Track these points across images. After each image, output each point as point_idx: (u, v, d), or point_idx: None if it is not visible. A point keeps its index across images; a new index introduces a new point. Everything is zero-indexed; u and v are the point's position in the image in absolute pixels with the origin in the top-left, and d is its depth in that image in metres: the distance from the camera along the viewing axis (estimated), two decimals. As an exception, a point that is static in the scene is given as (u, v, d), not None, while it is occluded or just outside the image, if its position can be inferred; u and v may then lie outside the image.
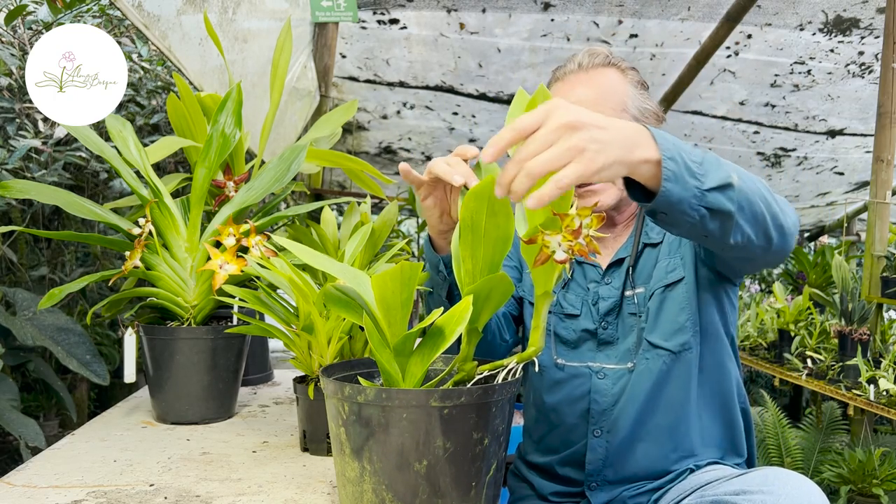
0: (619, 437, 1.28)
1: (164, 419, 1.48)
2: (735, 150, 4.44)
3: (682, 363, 1.27)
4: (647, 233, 1.33)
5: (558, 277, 0.98)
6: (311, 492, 1.14)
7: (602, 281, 1.34)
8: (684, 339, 1.27)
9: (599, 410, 1.29)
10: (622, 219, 1.36)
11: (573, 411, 1.32)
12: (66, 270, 2.56)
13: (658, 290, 1.29)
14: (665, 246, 1.32)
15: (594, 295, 1.33)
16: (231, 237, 1.41)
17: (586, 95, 1.24)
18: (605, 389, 1.29)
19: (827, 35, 3.24)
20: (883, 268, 2.80)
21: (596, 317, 1.32)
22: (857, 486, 2.74)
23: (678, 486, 1.23)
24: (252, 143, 1.89)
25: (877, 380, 2.58)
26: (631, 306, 1.30)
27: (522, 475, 1.43)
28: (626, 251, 1.33)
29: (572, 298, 1.35)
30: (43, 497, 1.07)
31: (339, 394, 0.93)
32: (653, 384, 1.27)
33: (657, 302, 1.29)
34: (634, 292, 1.31)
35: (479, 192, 0.88)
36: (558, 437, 1.35)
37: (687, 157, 0.88)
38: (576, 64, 1.28)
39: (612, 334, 1.31)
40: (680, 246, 1.31)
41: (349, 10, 2.87)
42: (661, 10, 3.10)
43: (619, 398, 1.28)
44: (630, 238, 1.35)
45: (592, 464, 1.29)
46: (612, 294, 1.32)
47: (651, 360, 1.27)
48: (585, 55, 1.29)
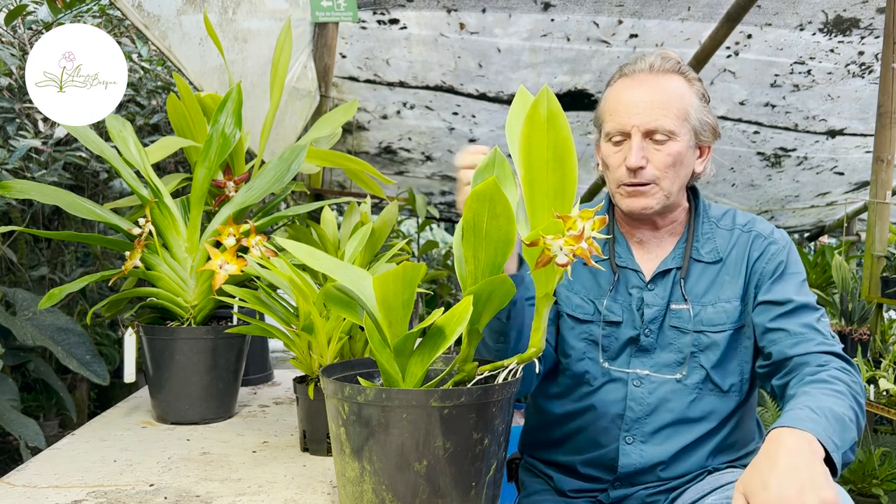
0: (652, 446, 1.28)
1: (164, 419, 1.48)
2: (735, 150, 4.44)
3: (724, 398, 1.29)
4: (698, 248, 1.32)
5: (559, 279, 0.97)
6: (311, 492, 1.14)
7: (646, 287, 1.32)
8: (733, 381, 1.29)
9: (634, 418, 1.29)
10: (664, 223, 1.33)
11: (606, 415, 1.31)
12: (66, 270, 2.56)
13: (720, 325, 1.28)
14: (725, 274, 1.30)
15: (638, 301, 1.31)
16: (231, 237, 1.41)
17: (653, 98, 1.24)
18: (640, 398, 1.29)
19: (827, 35, 3.24)
20: (883, 268, 2.80)
21: (639, 323, 1.30)
22: (857, 486, 2.74)
23: (697, 486, 1.25)
24: (252, 143, 1.89)
25: (877, 380, 2.58)
26: (675, 319, 1.29)
27: (539, 470, 1.42)
28: (675, 262, 1.32)
29: (614, 306, 1.32)
30: (43, 497, 1.07)
31: (339, 394, 0.93)
32: (690, 402, 1.28)
33: (717, 337, 1.28)
34: (681, 307, 1.29)
35: (480, 193, 0.87)
36: (586, 439, 1.34)
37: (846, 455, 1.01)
38: (647, 64, 1.27)
39: (651, 343, 1.30)
40: (745, 295, 1.29)
41: (349, 10, 2.87)
42: (661, 10, 3.10)
43: (654, 409, 1.28)
44: (678, 248, 1.33)
45: (625, 468, 1.29)
46: (658, 302, 1.30)
47: (695, 381, 1.28)
48: (658, 58, 1.27)
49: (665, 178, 1.25)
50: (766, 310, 1.25)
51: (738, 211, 1.38)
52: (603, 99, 1.32)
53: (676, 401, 1.28)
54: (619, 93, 1.27)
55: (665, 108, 1.23)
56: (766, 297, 1.26)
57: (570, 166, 0.92)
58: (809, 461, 0.92)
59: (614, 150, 1.27)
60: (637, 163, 1.22)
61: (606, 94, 1.31)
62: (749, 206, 5.35)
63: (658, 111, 1.23)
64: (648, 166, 1.24)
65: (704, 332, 1.28)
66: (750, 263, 1.30)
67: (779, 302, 1.24)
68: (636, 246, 1.35)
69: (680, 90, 1.26)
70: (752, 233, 1.32)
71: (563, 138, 0.92)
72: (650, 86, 1.25)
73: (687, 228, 1.35)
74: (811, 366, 1.16)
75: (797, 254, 1.32)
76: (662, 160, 1.24)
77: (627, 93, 1.26)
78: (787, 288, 1.26)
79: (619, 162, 1.26)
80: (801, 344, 1.19)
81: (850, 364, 1.17)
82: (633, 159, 1.22)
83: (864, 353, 2.77)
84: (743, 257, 1.30)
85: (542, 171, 0.93)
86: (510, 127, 1.02)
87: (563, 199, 0.93)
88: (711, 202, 1.40)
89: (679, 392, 1.28)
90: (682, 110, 1.25)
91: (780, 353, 1.21)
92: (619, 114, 1.25)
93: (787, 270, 1.28)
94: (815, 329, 1.21)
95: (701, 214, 1.35)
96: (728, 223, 1.35)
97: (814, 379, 1.12)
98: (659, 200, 1.27)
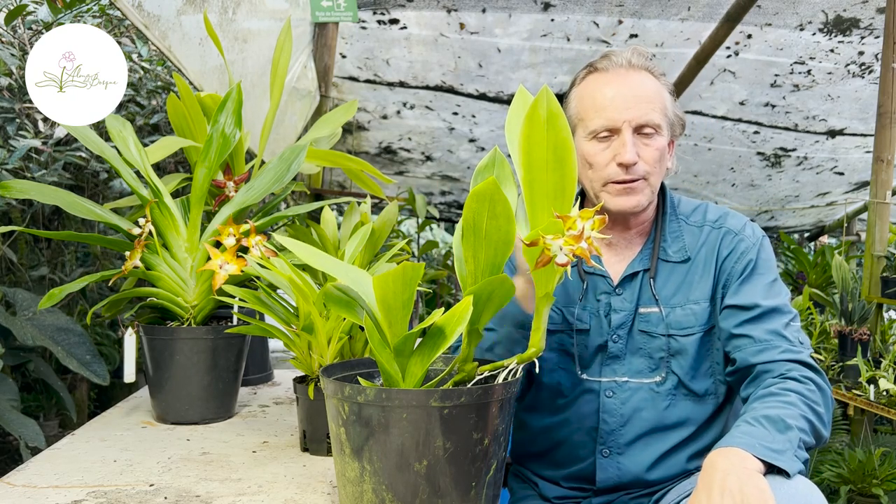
0: (629, 458, 1.26)
1: (164, 419, 1.48)
2: (735, 150, 4.43)
3: (700, 402, 1.27)
4: (665, 248, 1.29)
5: (559, 279, 0.98)
6: (311, 492, 1.14)
7: (614, 292, 1.28)
8: (707, 386, 1.26)
9: (608, 430, 1.27)
10: (636, 222, 1.29)
11: (581, 428, 1.29)
12: (66, 270, 2.56)
13: (688, 328, 1.25)
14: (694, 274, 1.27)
15: (606, 306, 1.28)
16: (231, 237, 1.40)
17: (638, 93, 1.22)
18: (613, 409, 1.27)
19: (827, 35, 3.24)
20: (883, 268, 2.80)
21: (606, 329, 1.27)
22: (856, 486, 2.74)
23: (678, 487, 1.23)
24: (252, 143, 1.89)
25: (877, 380, 2.58)
26: (643, 324, 1.26)
27: (526, 477, 1.41)
28: (642, 264, 1.28)
29: (583, 314, 1.29)
30: (43, 497, 1.07)
31: (339, 394, 0.93)
32: (664, 409, 1.26)
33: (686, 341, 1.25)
34: (650, 310, 1.26)
35: (480, 193, 0.87)
36: (564, 454, 1.32)
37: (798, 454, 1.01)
38: (625, 60, 1.24)
39: (620, 349, 1.27)
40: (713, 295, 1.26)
41: (349, 10, 2.87)
42: (661, 10, 3.10)
43: (628, 419, 1.26)
44: (645, 249, 1.30)
45: (603, 482, 1.28)
46: (625, 307, 1.27)
47: (668, 388, 1.26)
48: (635, 54, 1.25)
49: (653, 173, 1.23)
50: (731, 314, 1.22)
51: (710, 206, 1.34)
52: (575, 97, 1.27)
53: (650, 409, 1.25)
54: (600, 88, 1.23)
55: (651, 102, 1.22)
56: (733, 300, 1.22)
57: (570, 166, 0.92)
58: (742, 479, 0.92)
59: (601, 148, 1.23)
60: (632, 158, 1.19)
61: (579, 91, 1.27)
62: (749, 206, 5.35)
63: (646, 105, 1.21)
64: (640, 162, 1.21)
65: (674, 335, 1.25)
66: (719, 262, 1.26)
67: (745, 307, 1.21)
68: (604, 249, 1.31)
69: (656, 86, 1.25)
70: (722, 229, 1.28)
71: (563, 138, 0.92)
72: (633, 81, 1.23)
73: (654, 227, 1.31)
74: (773, 375, 1.14)
75: (770, 250, 1.28)
76: (651, 155, 1.22)
77: (610, 88, 1.23)
78: (754, 290, 1.22)
79: (607, 159, 1.22)
80: (765, 351, 1.16)
81: (815, 371, 1.14)
82: (629, 155, 1.19)
83: (864, 353, 2.77)
84: (712, 255, 1.26)
85: (542, 171, 0.93)
86: (510, 127, 1.02)
87: (562, 199, 0.93)
88: (683, 197, 1.36)
89: (653, 400, 1.26)
90: (663, 105, 1.24)
91: (743, 360, 1.18)
92: (607, 109, 1.21)
93: (757, 270, 1.24)
94: (781, 335, 1.18)
95: (668, 212, 1.31)
96: (698, 219, 1.31)
97: (764, 393, 1.10)
98: (647, 197, 1.25)
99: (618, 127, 1.21)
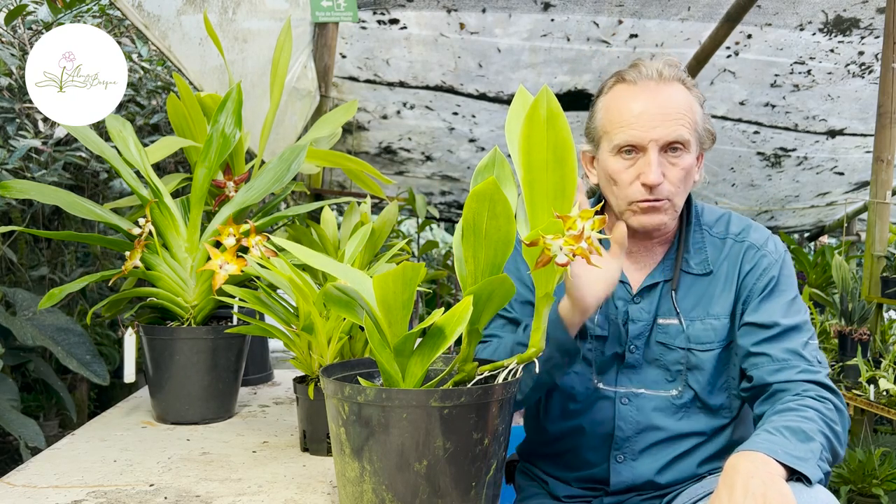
0: (642, 463, 1.27)
1: (164, 419, 1.48)
2: (735, 150, 4.43)
3: (714, 416, 1.27)
4: (687, 260, 1.27)
5: (559, 279, 0.97)
6: (311, 492, 1.14)
7: (632, 300, 1.27)
8: (722, 400, 1.26)
9: (623, 437, 1.27)
10: (659, 233, 1.27)
11: (596, 435, 1.29)
12: (66, 270, 2.56)
13: (708, 343, 1.24)
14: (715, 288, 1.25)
15: (623, 314, 1.26)
16: (231, 237, 1.40)
17: (667, 110, 1.17)
18: (629, 416, 1.26)
19: (827, 35, 3.24)
20: (883, 268, 2.80)
21: (624, 338, 1.26)
22: (857, 486, 2.74)
23: (689, 490, 1.24)
24: (252, 143, 1.89)
25: (877, 380, 2.58)
26: (661, 335, 1.25)
27: (535, 475, 1.41)
28: (664, 275, 1.26)
29: (599, 319, 1.27)
30: (43, 497, 1.07)
31: (339, 394, 0.93)
32: (679, 420, 1.26)
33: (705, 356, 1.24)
34: (670, 322, 1.25)
35: (480, 193, 0.87)
36: (578, 459, 1.32)
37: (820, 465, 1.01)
38: (655, 71, 1.20)
39: (637, 359, 1.26)
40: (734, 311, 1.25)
41: (349, 10, 2.87)
42: (661, 10, 3.10)
43: (644, 427, 1.26)
44: (667, 259, 1.28)
45: (617, 485, 1.28)
46: (643, 317, 1.26)
47: (683, 401, 1.26)
48: (665, 65, 1.21)
49: (678, 193, 1.21)
50: (750, 332, 1.21)
51: (733, 216, 1.32)
52: (602, 108, 1.23)
53: (665, 419, 1.26)
54: (627, 103, 1.19)
55: (680, 119, 1.18)
56: (752, 318, 1.21)
57: (570, 166, 0.92)
58: (766, 482, 0.91)
59: (626, 165, 1.19)
60: (657, 179, 1.16)
61: (606, 102, 1.23)
62: (749, 206, 5.35)
63: (674, 122, 1.17)
64: (665, 182, 1.18)
65: (693, 350, 1.24)
66: (741, 277, 1.24)
67: (764, 325, 1.20)
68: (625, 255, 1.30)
69: (688, 99, 1.21)
70: (744, 243, 1.26)
71: (563, 138, 0.92)
72: (662, 96, 1.18)
73: (677, 237, 1.29)
74: (790, 394, 1.13)
75: (791, 266, 1.27)
76: (676, 175, 1.19)
77: (637, 103, 1.18)
78: (775, 309, 1.21)
79: (631, 178, 1.19)
80: (782, 371, 1.16)
81: (832, 392, 1.14)
82: (654, 176, 1.16)
83: (864, 353, 2.77)
84: (734, 270, 1.25)
85: (542, 171, 0.93)
86: (510, 127, 1.02)
87: (562, 199, 0.93)
88: (706, 205, 1.35)
89: (668, 410, 1.26)
90: (692, 120, 1.20)
91: (760, 378, 1.17)
92: (633, 126, 1.17)
93: (778, 288, 1.23)
94: (800, 355, 1.17)
95: (693, 222, 1.29)
96: (721, 231, 1.29)
97: (783, 408, 1.10)
98: (671, 216, 1.22)
99: (644, 145, 1.18)
